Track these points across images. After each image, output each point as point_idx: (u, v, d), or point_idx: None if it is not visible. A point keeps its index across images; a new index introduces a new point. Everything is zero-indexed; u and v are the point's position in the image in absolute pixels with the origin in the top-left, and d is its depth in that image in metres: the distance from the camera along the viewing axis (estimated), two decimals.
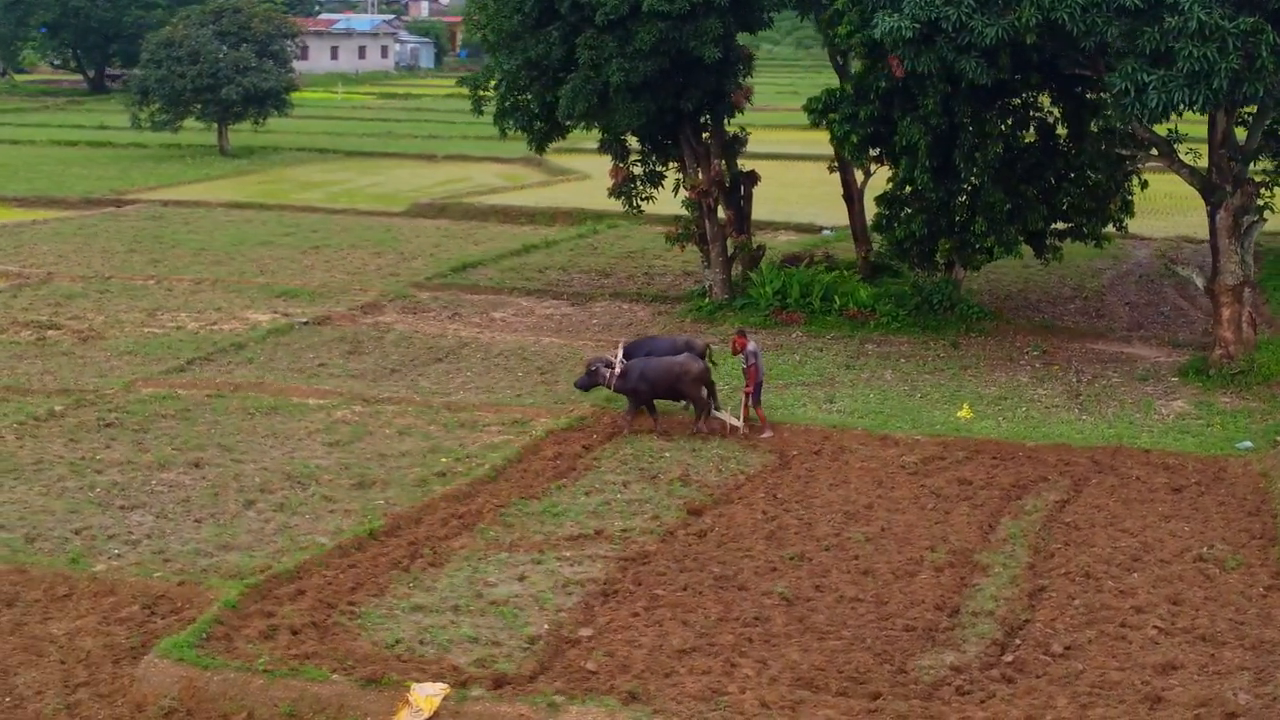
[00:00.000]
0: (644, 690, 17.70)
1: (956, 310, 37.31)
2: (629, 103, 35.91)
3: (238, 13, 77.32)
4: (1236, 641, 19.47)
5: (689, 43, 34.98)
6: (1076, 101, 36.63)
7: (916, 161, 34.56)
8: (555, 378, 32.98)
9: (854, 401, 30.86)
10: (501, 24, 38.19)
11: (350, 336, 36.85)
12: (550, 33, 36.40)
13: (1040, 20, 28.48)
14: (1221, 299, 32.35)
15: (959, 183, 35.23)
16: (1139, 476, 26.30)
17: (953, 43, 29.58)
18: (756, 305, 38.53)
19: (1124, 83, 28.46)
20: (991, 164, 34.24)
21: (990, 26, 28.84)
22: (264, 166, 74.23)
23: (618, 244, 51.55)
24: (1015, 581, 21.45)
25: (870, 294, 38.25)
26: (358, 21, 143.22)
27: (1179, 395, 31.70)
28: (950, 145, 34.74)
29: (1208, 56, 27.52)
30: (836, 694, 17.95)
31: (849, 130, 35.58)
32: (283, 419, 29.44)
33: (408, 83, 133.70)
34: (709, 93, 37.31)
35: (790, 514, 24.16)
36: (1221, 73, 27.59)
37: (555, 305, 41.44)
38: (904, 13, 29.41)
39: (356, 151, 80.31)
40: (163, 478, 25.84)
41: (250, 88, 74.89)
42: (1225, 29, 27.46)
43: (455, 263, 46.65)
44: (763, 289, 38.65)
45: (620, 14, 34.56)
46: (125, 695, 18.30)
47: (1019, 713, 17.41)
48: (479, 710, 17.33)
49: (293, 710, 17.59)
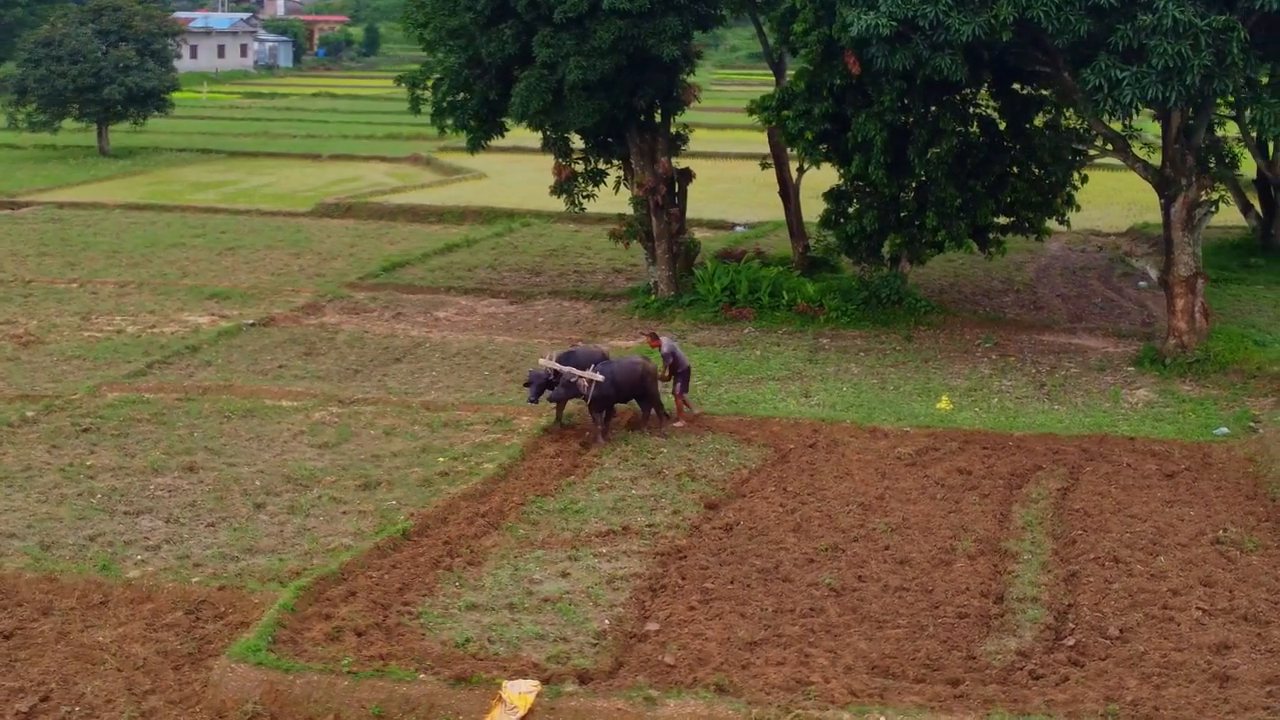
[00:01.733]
0: (729, 683, 17.82)
1: (905, 304, 37.87)
2: (583, 100, 35.98)
3: (118, 11, 75.95)
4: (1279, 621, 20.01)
5: (647, 40, 35.10)
6: (1017, 99, 37.27)
7: (871, 157, 35.01)
8: (520, 375, 32.79)
9: (830, 395, 31.21)
10: (445, 22, 38.00)
11: (301, 338, 36.51)
12: (503, 30, 36.30)
13: (1016, 18, 28.97)
14: (1175, 290, 33.20)
15: (911, 178, 35.70)
16: (1129, 464, 26.92)
17: (929, 40, 29.97)
18: (705, 301, 38.77)
19: (1097, 79, 29.09)
20: (945, 159, 34.82)
21: (967, 24, 29.33)
22: (149, 167, 72.99)
23: (537, 242, 51.52)
24: (1047, 568, 21.88)
25: (817, 289, 38.67)
26: (216, 20, 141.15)
27: (1140, 384, 32.47)
28: (903, 141, 35.22)
29: (1181, 53, 28.24)
30: (915, 681, 18.22)
31: (804, 127, 35.96)
32: (261, 421, 29.13)
33: (269, 82, 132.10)
34: (661, 90, 37.45)
35: (808, 506, 24.41)
36: (1194, 69, 28.34)
37: (496, 304, 41.35)
38: (880, 10, 29.76)
39: (239, 152, 79.27)
40: (159, 482, 25.49)
41: (133, 87, 73.70)
42: (1198, 26, 28.22)
43: (383, 262, 46.37)
44: (711, 285, 38.90)
45: (579, 11, 34.62)
46: (200, 701, 18.09)
47: (1096, 694, 17.79)
48: (574, 706, 17.35)
49: (381, 711, 17.49)
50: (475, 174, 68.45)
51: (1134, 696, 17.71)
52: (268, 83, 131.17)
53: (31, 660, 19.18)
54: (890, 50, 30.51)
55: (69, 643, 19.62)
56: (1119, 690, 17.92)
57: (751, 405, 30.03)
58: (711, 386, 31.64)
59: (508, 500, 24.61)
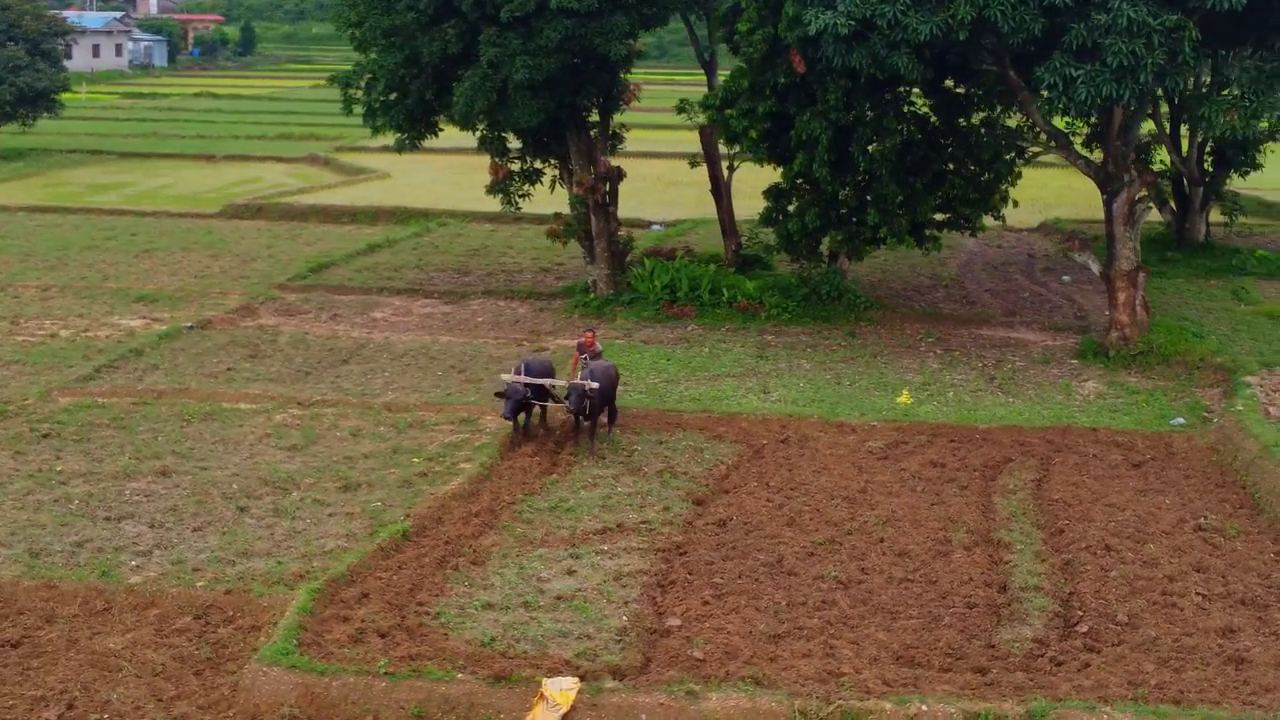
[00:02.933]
0: (763, 675, 18.01)
1: (845, 300, 38.29)
2: (528, 100, 35.96)
3: (6, 10, 74.45)
4: (1277, 604, 20.59)
5: (594, 40, 35.18)
6: (954, 97, 37.83)
7: (815, 155, 35.34)
8: (475, 376, 32.97)
9: (789, 391, 31.50)
10: (380, 21, 37.78)
11: (243, 340, 36.18)
12: (446, 30, 36.19)
13: (974, 17, 29.42)
14: (1117, 284, 33.89)
15: (854, 175, 36.11)
16: (1095, 454, 27.48)
17: (886, 39, 30.33)
18: (646, 299, 38.94)
19: (1052, 77, 29.62)
20: (889, 157, 35.24)
21: (925, 23, 29.73)
22: (41, 169, 71.70)
23: (457, 242, 51.41)
24: (1041, 557, 22.30)
25: (756, 286, 38.99)
26: (89, 19, 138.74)
27: (1088, 376, 33.12)
28: (847, 139, 35.62)
29: (1135, 52, 28.84)
30: (941, 670, 18.52)
31: (748, 125, 36.22)
32: (223, 425, 28.87)
33: (146, 82, 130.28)
34: (602, 89, 37.56)
35: (795, 501, 24.67)
36: (1148, 67, 28.96)
37: (430, 304, 41.22)
38: (839, 10, 30.08)
39: (130, 153, 78.08)
40: (134, 487, 25.18)
41: (24, 88, 72.35)
42: (1151, 25, 28.81)
43: (309, 263, 46.02)
44: (651, 283, 39.06)
45: (526, 10, 34.59)
46: (232, 706, 17.93)
47: (1118, 679, 18.19)
48: (616, 701, 17.44)
49: (421, 711, 17.46)
50: (379, 174, 68.12)
51: (1156, 680, 18.13)
52: (145, 83, 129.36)
53: (45, 669, 18.90)
54: (847, 49, 30.78)
55: (80, 650, 19.36)
56: (1139, 675, 18.32)
57: (715, 402, 30.24)
58: (670, 384, 31.80)
59: (497, 500, 24.62)
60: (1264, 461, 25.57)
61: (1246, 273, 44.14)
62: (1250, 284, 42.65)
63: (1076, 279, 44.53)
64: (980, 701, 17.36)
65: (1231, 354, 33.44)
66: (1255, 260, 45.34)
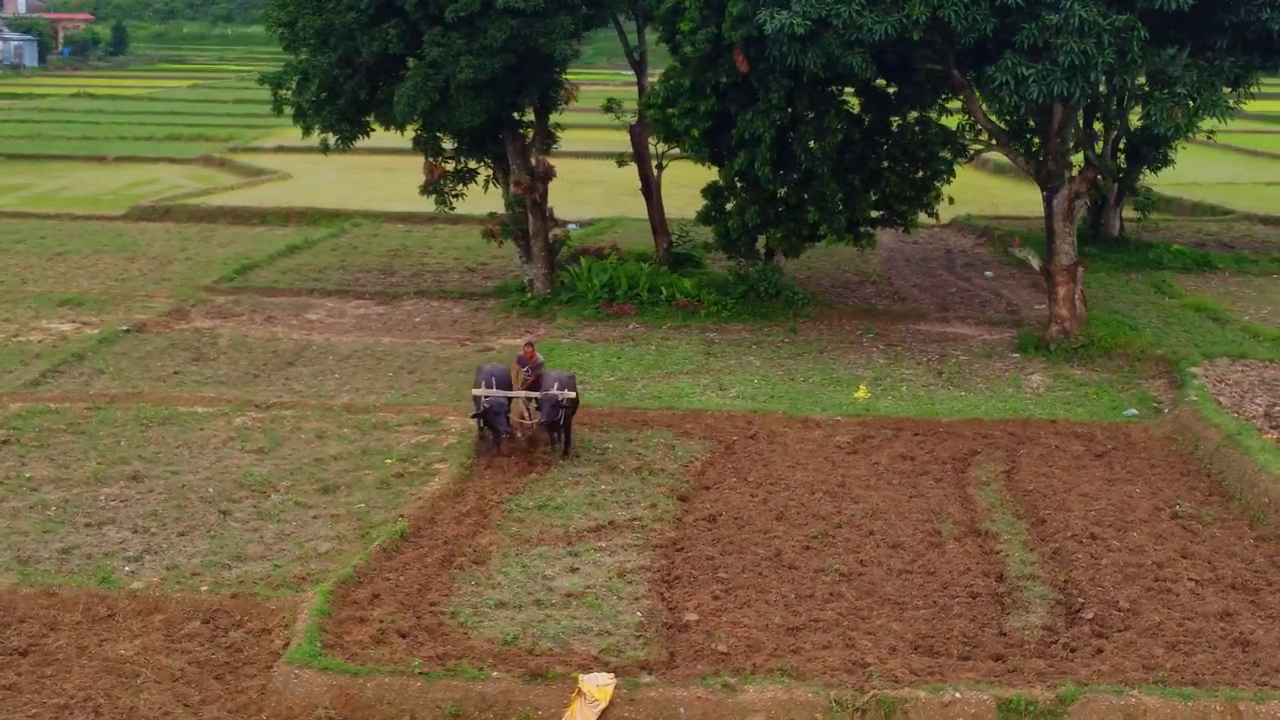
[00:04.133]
0: (791, 667, 18.24)
1: (783, 297, 38.65)
2: (471, 100, 35.92)
3: None
4: (1268, 589, 21.18)
5: (539, 39, 35.24)
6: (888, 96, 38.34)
7: (758, 154, 35.65)
8: (426, 376, 32.99)
9: (746, 387, 31.77)
10: (313, 21, 37.54)
11: (183, 343, 35.81)
12: (387, 30, 36.05)
13: (929, 17, 29.88)
14: (1057, 278, 34.56)
15: (795, 173, 36.49)
16: (1058, 445, 28.03)
17: (841, 39, 30.71)
18: (584, 298, 39.05)
19: (1004, 76, 30.15)
20: (830, 155, 35.64)
21: (880, 23, 30.14)
22: None
23: (375, 243, 51.21)
24: (1029, 547, 22.76)
25: (694, 284, 39.24)
26: None
27: (1033, 370, 33.74)
28: (788, 137, 35.99)
29: (1086, 51, 29.45)
30: (960, 659, 18.86)
31: (690, 124, 36.46)
32: (182, 429, 28.62)
33: (17, 82, 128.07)
34: (542, 89, 37.64)
35: (778, 496, 24.91)
36: (1098, 66, 29.59)
37: (364, 305, 41.05)
38: (794, 10, 30.39)
39: (16, 154, 76.68)
40: (108, 493, 24.90)
41: None
42: (1101, 25, 29.44)
43: (231, 265, 45.60)
44: (590, 282, 39.19)
45: (471, 10, 34.55)
46: (263, 709, 17.83)
47: (1133, 664, 18.63)
48: (654, 696, 17.59)
49: (458, 710, 17.50)
50: (280, 175, 67.65)
51: (1171, 664, 18.57)
52: (17, 83, 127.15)
53: (60, 676, 18.66)
54: (802, 49, 31.11)
55: (91, 657, 19.15)
56: (1151, 659, 18.76)
57: (676, 399, 30.45)
58: (627, 382, 31.95)
59: (484, 499, 24.67)
60: (1228, 450, 26.22)
61: (1164, 266, 45.17)
62: (1170, 277, 43.66)
63: (999, 274, 45.31)
64: (1009, 688, 17.70)
65: (1170, 346, 34.19)
66: (1171, 254, 46.38)
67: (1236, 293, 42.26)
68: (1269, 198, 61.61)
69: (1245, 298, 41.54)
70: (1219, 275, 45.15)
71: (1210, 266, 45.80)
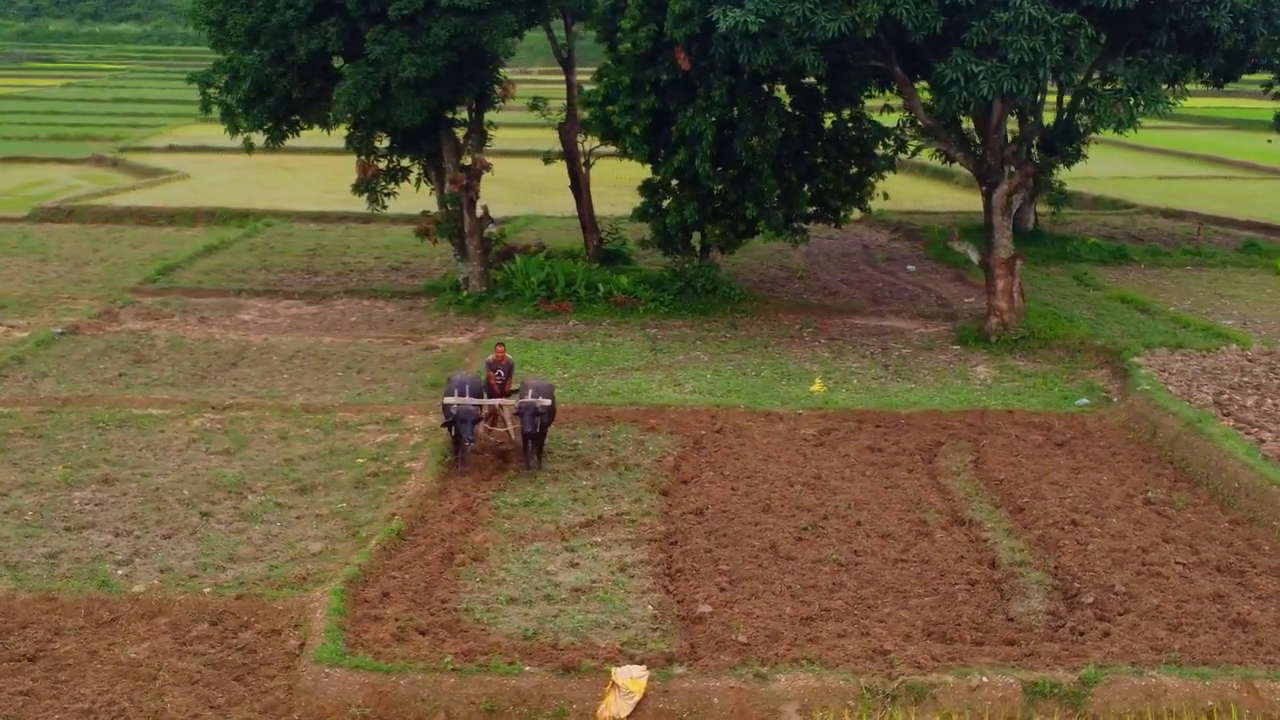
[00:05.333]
0: (815, 656, 18.50)
1: (719, 293, 38.93)
2: (412, 98, 35.80)
3: None
4: (1253, 571, 21.79)
5: (482, 37, 35.21)
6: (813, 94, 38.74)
7: (698, 150, 35.89)
8: (377, 376, 32.93)
9: (701, 382, 31.99)
10: (243, 19, 37.21)
11: (121, 345, 35.36)
12: (326, 28, 35.84)
13: (881, 15, 30.29)
14: (996, 271, 35.16)
15: (735, 170, 36.78)
16: (1018, 435, 28.55)
17: (794, 36, 31.02)
18: (522, 296, 39.07)
19: (954, 73, 30.63)
20: (770, 151, 35.97)
21: (833, 21, 30.49)
22: None
23: (291, 242, 50.79)
24: (1014, 534, 23.24)
25: (630, 280, 39.40)
26: None
27: (976, 362, 34.30)
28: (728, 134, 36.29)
29: (1035, 48, 30.01)
30: (974, 644, 19.23)
31: (630, 121, 36.61)
32: (141, 431, 28.33)
33: None
34: (480, 86, 37.62)
35: (758, 488, 25.16)
36: (1046, 63, 30.16)
37: (295, 305, 40.75)
38: (747, 8, 30.66)
39: None
40: (81, 496, 24.64)
41: None
42: (1049, 23, 30.01)
43: (153, 266, 44.95)
44: (527, 280, 39.21)
45: (415, 8, 34.44)
46: (294, 709, 17.77)
47: (1141, 646, 19.12)
48: (688, 687, 17.77)
49: (492, 706, 17.57)
50: (178, 175, 66.74)
51: (1180, 645, 19.06)
52: None
53: (75, 681, 18.49)
54: (755, 47, 31.38)
55: (103, 661, 19.00)
56: (1158, 641, 19.26)
57: (636, 394, 30.61)
58: (582, 378, 32.04)
59: (470, 497, 24.73)
60: (1190, 438, 26.86)
61: (1082, 259, 46.06)
62: (1090, 270, 44.54)
63: (921, 268, 45.96)
64: (1032, 672, 18.07)
65: (1108, 337, 34.90)
66: (1088, 248, 47.31)
67: (1156, 284, 43.20)
68: (1162, 191, 63.06)
69: (1165, 289, 42.48)
70: (1135, 267, 46.14)
71: (1126, 259, 46.80)
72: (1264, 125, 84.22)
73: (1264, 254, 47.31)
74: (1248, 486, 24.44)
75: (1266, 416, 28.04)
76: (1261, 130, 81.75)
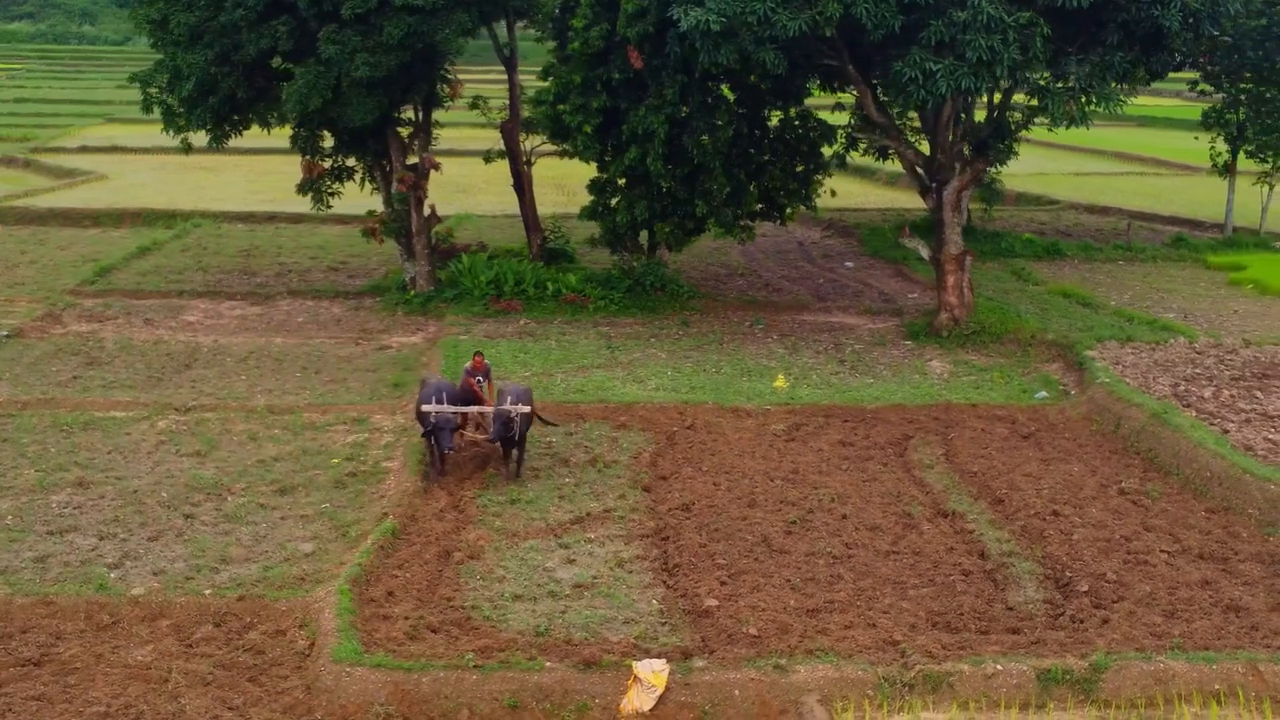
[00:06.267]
0: (828, 647, 18.72)
1: (668, 290, 39.11)
2: (364, 97, 35.69)
3: None
4: (1235, 557, 22.28)
5: (436, 36, 35.17)
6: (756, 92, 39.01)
7: (650, 148, 36.06)
8: (335, 376, 32.82)
9: (663, 379, 32.14)
10: (186, 19, 36.91)
11: (70, 348, 34.94)
12: (277, 27, 35.63)
13: (841, 14, 30.60)
14: (946, 267, 35.61)
15: (686, 168, 36.96)
16: (984, 428, 28.94)
17: (755, 35, 31.25)
18: (471, 295, 39.02)
19: (913, 71, 30.97)
20: (722, 149, 36.22)
21: (793, 20, 30.74)
22: None
23: (223, 243, 50.31)
24: (997, 525, 23.60)
25: (578, 278, 39.49)
26: None
27: (930, 356, 34.70)
28: (679, 133, 36.48)
29: (993, 47, 30.41)
30: (979, 633, 19.54)
31: (582, 120, 36.70)
32: (106, 434, 28.10)
33: None
34: (432, 85, 37.58)
35: (740, 484, 25.35)
36: (1004, 61, 30.57)
37: (239, 306, 40.43)
38: (709, 7, 30.84)
39: None
40: (58, 500, 24.43)
41: None
42: (1006, 22, 30.43)
43: (90, 268, 44.29)
44: (475, 279, 39.18)
45: (368, 7, 34.34)
46: (314, 708, 17.73)
47: (1142, 632, 19.50)
48: (709, 680, 17.93)
49: (515, 702, 17.64)
50: (95, 175, 65.80)
51: (1180, 631, 19.46)
52: None
53: (85, 685, 18.34)
54: (715, 45, 31.58)
55: (110, 664, 18.87)
56: (1157, 627, 19.66)
57: (601, 392, 30.73)
58: (545, 376, 32.06)
59: (455, 496, 24.74)
60: (1157, 429, 27.35)
61: (1017, 255, 46.69)
62: (1027, 265, 45.14)
63: (859, 264, 46.41)
64: (1043, 659, 18.39)
65: (1057, 331, 35.40)
66: (1023, 243, 47.94)
67: (1091, 279, 43.86)
68: (1081, 187, 63.94)
69: (1102, 284, 43.15)
70: (1069, 262, 46.82)
71: (1060, 254, 47.47)
72: (1170, 122, 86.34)
73: (1193, 248, 48.18)
74: (1220, 476, 24.93)
75: (1226, 408, 28.58)
76: (1167, 128, 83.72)
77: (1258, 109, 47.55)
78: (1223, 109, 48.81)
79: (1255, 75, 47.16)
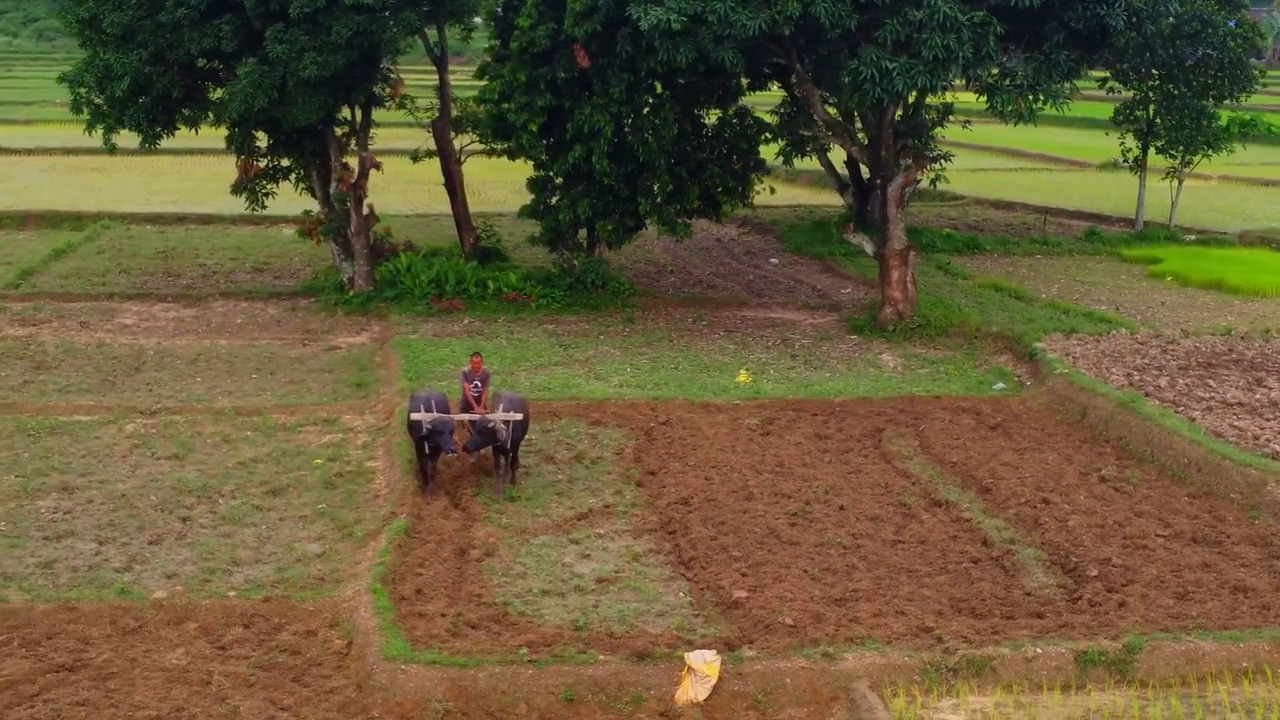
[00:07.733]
0: (866, 636, 19.06)
1: (609, 288, 39.32)
2: (309, 97, 35.49)
3: None
4: (1228, 540, 22.94)
5: (385, 35, 35.09)
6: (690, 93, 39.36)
7: (595, 146, 36.27)
8: (292, 377, 32.61)
9: (626, 376, 32.30)
10: (119, 18, 36.47)
11: (12, 352, 34.22)
12: (220, 26, 35.32)
13: (800, 13, 31.02)
14: (890, 262, 36.19)
15: (631, 166, 37.21)
16: (952, 420, 29.47)
17: (714, 34, 31.56)
18: (412, 294, 38.95)
19: (869, 69, 31.47)
20: (667, 147, 36.52)
21: (753, 19, 31.09)
22: None
23: (138, 244, 49.66)
24: (990, 513, 24.10)
25: (519, 277, 39.57)
26: None
27: (879, 350, 35.22)
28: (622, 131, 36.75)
29: (948, 45, 30.99)
30: (1004, 618, 19.99)
31: (527, 119, 36.79)
32: (75, 438, 27.73)
33: None
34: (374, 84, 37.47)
35: (730, 477, 25.62)
36: (959, 59, 31.17)
37: (172, 308, 39.92)
38: (669, 6, 31.10)
39: None
40: (45, 505, 24.09)
41: None
42: (961, 21, 31.03)
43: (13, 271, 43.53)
44: (416, 278, 39.12)
45: (316, 6, 34.15)
46: (371, 707, 17.72)
47: (1159, 614, 20.02)
48: (760, 670, 18.20)
49: (571, 695, 17.78)
50: None
51: (1197, 612, 20.04)
52: None
53: (125, 690, 18.11)
54: (675, 44, 31.83)
55: (147, 669, 18.68)
56: (1172, 609, 20.17)
57: (568, 389, 30.84)
58: (506, 375, 32.06)
59: (454, 495, 24.75)
60: (1126, 417, 28.06)
61: (938, 249, 47.46)
62: (950, 260, 45.95)
63: (784, 260, 46.93)
64: (1077, 642, 18.88)
65: (1001, 324, 36.10)
66: (943, 238, 48.79)
67: (1015, 273, 44.76)
68: (979, 183, 64.97)
69: (1026, 277, 44.05)
70: (989, 257, 47.74)
71: (979, 249, 48.40)
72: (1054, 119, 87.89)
73: (1106, 241, 49.36)
74: (1198, 462, 25.63)
75: (1185, 396, 29.36)
76: (1051, 124, 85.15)
77: (1167, 106, 48.73)
78: (1133, 106, 49.97)
79: (1164, 73, 48.31)
